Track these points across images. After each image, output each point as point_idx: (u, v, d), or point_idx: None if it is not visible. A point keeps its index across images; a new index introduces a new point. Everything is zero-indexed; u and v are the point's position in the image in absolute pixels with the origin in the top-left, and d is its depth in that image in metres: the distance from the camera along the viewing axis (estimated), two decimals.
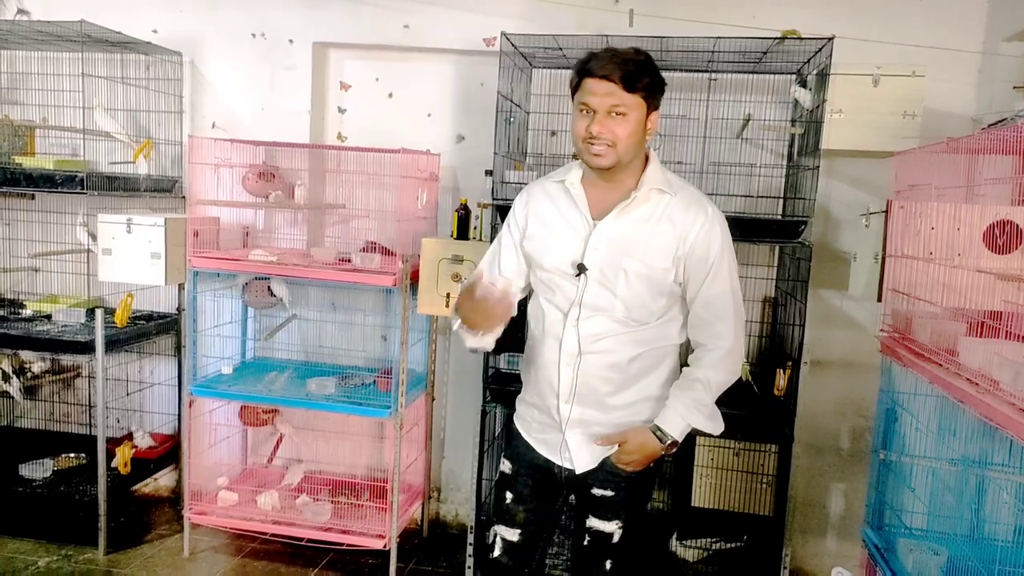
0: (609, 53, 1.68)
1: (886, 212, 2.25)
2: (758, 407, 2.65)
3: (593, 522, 1.85)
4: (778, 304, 3.00)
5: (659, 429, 1.75)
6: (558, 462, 1.85)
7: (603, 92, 1.66)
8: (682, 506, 2.98)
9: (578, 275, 1.75)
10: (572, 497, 1.93)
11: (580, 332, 1.75)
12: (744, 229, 2.71)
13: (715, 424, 1.82)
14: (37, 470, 3.23)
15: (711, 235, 1.72)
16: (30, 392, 3.56)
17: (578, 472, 1.83)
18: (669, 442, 1.75)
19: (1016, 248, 1.97)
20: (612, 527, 1.83)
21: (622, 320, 1.74)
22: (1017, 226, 1.98)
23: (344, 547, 2.95)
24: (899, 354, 2.14)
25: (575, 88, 1.73)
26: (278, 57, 3.31)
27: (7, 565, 2.91)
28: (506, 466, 1.94)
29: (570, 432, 1.81)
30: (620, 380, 1.77)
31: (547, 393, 1.82)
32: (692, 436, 2.86)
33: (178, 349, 3.40)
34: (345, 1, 3.23)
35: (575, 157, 3.13)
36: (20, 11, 3.42)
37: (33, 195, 3.48)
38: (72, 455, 3.38)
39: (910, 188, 2.33)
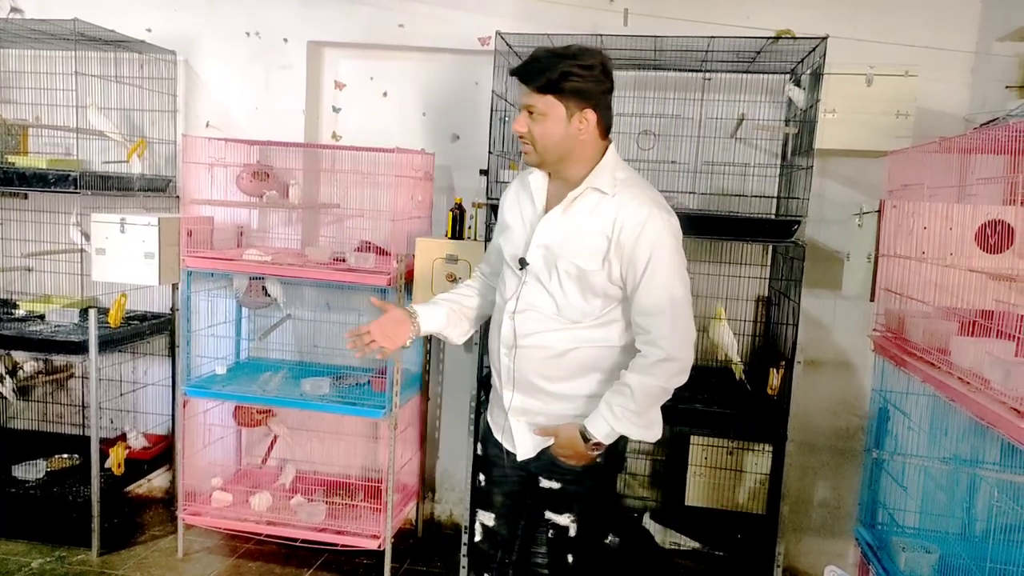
0: (534, 53, 1.71)
1: (879, 212, 2.26)
2: (751, 406, 2.65)
3: (549, 515, 1.88)
4: (771, 303, 3.01)
5: (585, 429, 1.75)
6: (507, 446, 1.90)
7: (522, 92, 1.72)
8: (675, 505, 2.99)
9: (521, 269, 1.78)
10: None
11: (516, 324, 1.79)
12: (737, 228, 2.72)
13: (646, 432, 1.77)
14: (30, 471, 3.22)
15: (642, 238, 1.66)
16: (23, 393, 3.55)
17: (519, 459, 1.86)
18: (592, 442, 1.74)
19: (1007, 247, 1.98)
20: (565, 520, 1.85)
21: (554, 317, 1.76)
22: (1008, 225, 1.98)
23: (339, 547, 2.94)
24: (892, 353, 2.15)
25: None
26: (273, 56, 3.30)
27: (0, 567, 2.90)
28: (480, 448, 2.00)
29: (513, 418, 1.85)
30: (555, 374, 1.79)
31: (495, 379, 1.89)
32: (685, 436, 2.88)
33: (172, 349, 3.39)
34: (340, 0, 3.23)
35: None
36: (13, 9, 3.40)
37: (26, 194, 3.46)
38: (65, 456, 3.37)
39: (903, 188, 2.34)
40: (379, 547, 2.91)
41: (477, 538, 1.99)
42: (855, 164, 2.95)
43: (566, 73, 1.65)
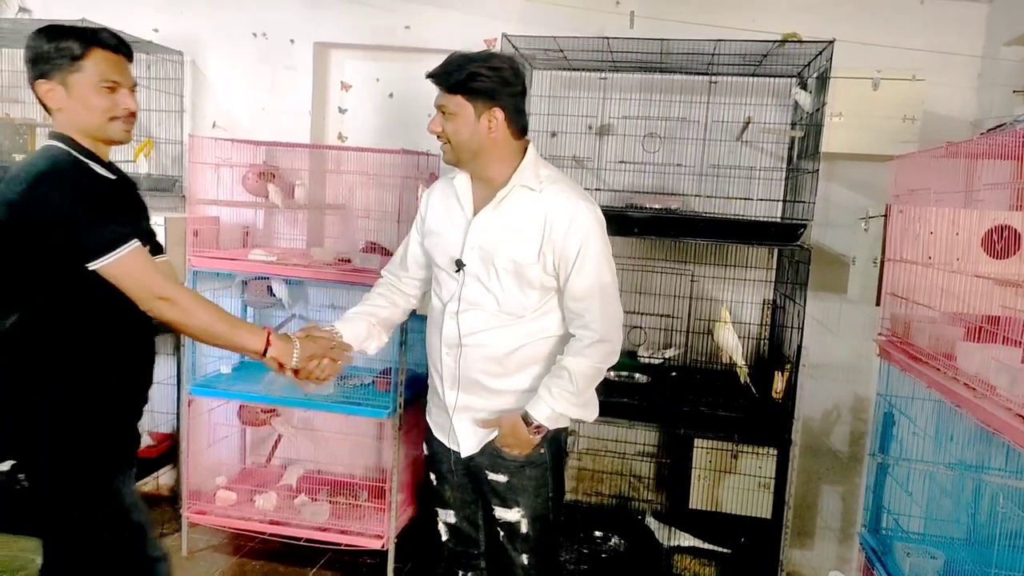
0: (448, 57, 1.77)
1: (885, 216, 2.26)
2: (756, 410, 2.65)
3: (499, 512, 1.90)
4: (777, 307, 3.00)
5: (527, 414, 1.80)
6: (448, 444, 1.93)
7: (437, 93, 1.79)
8: (679, 508, 2.99)
9: (458, 271, 1.82)
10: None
11: (459, 324, 1.83)
12: (743, 232, 2.72)
13: (586, 411, 1.86)
14: None
15: (572, 229, 1.75)
16: None
17: (463, 455, 1.90)
18: (534, 425, 1.80)
19: (1014, 253, 1.98)
20: (516, 515, 1.88)
21: (495, 314, 1.81)
22: (1015, 231, 1.98)
23: (342, 547, 2.95)
24: (897, 358, 2.15)
25: None
26: (279, 57, 3.31)
27: (10, 563, 2.91)
28: (425, 448, 2.03)
29: (456, 417, 1.89)
30: (499, 371, 1.83)
31: (435, 379, 1.93)
32: (689, 439, 2.88)
33: (177, 348, 3.39)
34: (346, 2, 3.23)
35: (575, 159, 3.16)
36: (21, 9, 3.42)
37: None
38: None
39: (909, 192, 2.33)
40: (383, 547, 2.91)
41: (444, 537, 2.04)
42: (861, 168, 2.94)
43: (473, 74, 1.73)
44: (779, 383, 2.63)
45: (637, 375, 2.84)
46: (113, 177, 1.75)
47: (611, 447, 3.16)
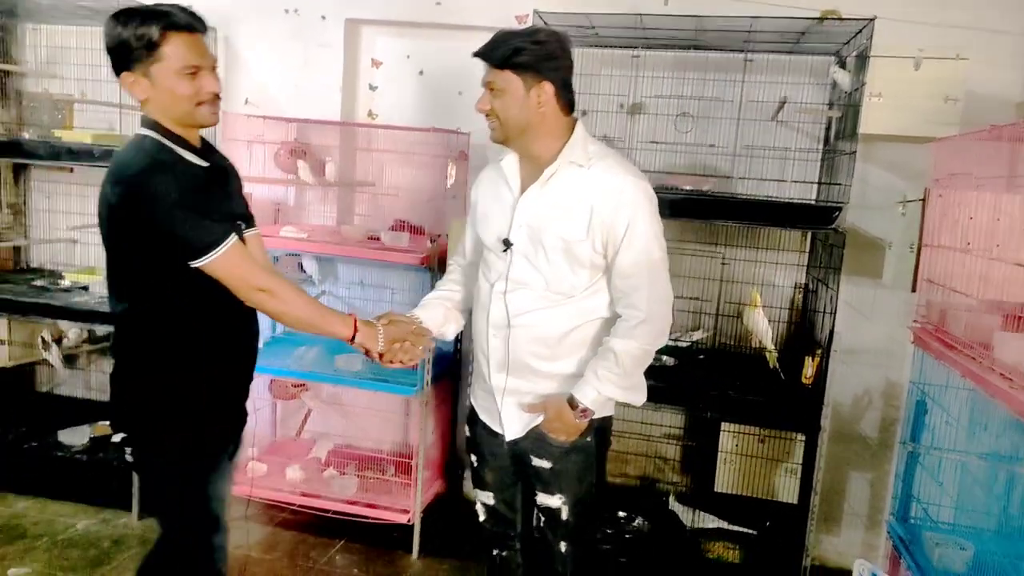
0: (494, 35, 1.76)
1: (923, 200, 2.21)
2: (785, 395, 2.62)
3: (541, 498, 1.90)
4: (809, 291, 2.96)
5: (572, 397, 1.78)
6: (495, 428, 1.92)
7: (484, 71, 1.77)
8: (704, 491, 2.99)
9: (505, 250, 1.80)
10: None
11: (507, 304, 1.81)
12: (777, 214, 2.68)
13: (633, 395, 1.82)
14: (75, 436, 3.34)
15: (621, 204, 1.72)
16: (69, 361, 3.65)
17: (508, 438, 1.89)
18: (579, 409, 1.77)
19: None
20: (557, 502, 1.87)
21: (544, 293, 1.78)
22: None
23: (369, 520, 3.00)
24: (932, 346, 2.11)
25: None
26: (311, 34, 3.31)
27: (48, 527, 3.02)
28: (466, 430, 2.04)
29: (503, 400, 1.87)
30: (547, 353, 1.81)
31: (481, 362, 1.91)
32: (715, 423, 2.87)
33: None
34: None
35: (605, 138, 3.12)
36: None
37: (72, 168, 3.54)
38: (108, 423, 3.47)
39: (949, 176, 2.27)
40: (408, 521, 2.96)
41: (481, 518, 2.05)
42: (900, 150, 2.86)
43: (519, 48, 1.71)
44: (809, 368, 2.60)
45: (664, 357, 2.83)
46: (204, 164, 1.75)
47: (637, 429, 3.16)
